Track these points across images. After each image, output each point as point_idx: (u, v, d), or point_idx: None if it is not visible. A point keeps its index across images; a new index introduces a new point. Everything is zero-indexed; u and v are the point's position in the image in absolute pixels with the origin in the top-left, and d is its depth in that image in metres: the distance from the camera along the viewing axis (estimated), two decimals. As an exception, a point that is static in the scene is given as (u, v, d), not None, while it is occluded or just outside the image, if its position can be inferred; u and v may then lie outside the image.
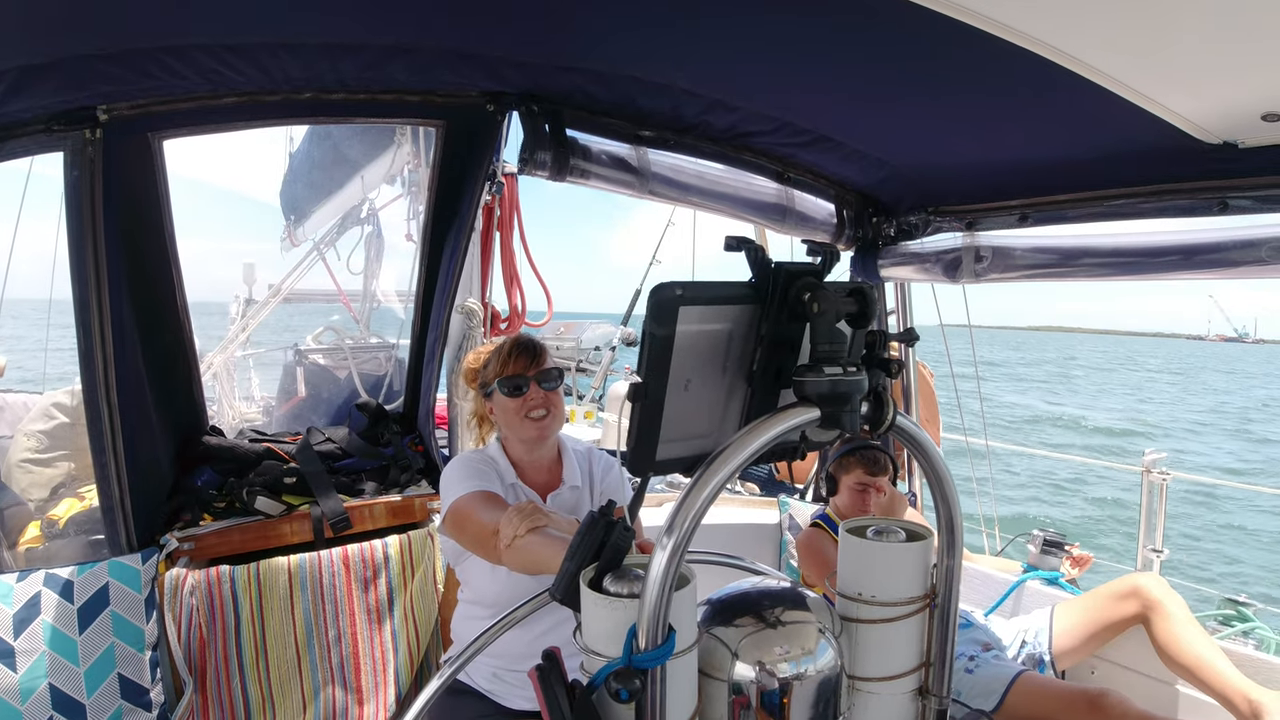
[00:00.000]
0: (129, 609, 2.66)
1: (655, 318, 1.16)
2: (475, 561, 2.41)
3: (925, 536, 1.46)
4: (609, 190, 3.09)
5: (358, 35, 2.50)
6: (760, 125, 3.13)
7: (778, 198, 3.56)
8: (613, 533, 1.24)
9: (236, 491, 3.02)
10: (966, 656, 3.15)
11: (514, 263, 3.38)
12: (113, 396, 2.66)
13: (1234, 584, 9.04)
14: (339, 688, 2.97)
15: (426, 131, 3.50)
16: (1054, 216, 3.31)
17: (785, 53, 2.53)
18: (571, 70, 2.74)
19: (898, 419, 1.26)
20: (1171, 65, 2.21)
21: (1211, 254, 2.90)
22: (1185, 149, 2.69)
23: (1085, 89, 2.31)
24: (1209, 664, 2.96)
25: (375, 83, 2.74)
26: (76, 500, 3.95)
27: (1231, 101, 2.41)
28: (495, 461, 2.54)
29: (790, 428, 1.15)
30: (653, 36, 2.50)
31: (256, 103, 2.70)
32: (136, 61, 2.39)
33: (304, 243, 7.31)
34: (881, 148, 3.35)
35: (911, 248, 3.82)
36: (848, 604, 1.44)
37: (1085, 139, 2.85)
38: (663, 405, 1.22)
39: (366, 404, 3.60)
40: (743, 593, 1.44)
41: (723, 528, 4.18)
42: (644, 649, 1.09)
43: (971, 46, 2.15)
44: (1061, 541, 3.93)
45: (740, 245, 1.20)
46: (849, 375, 1.18)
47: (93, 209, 2.54)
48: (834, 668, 1.35)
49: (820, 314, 1.17)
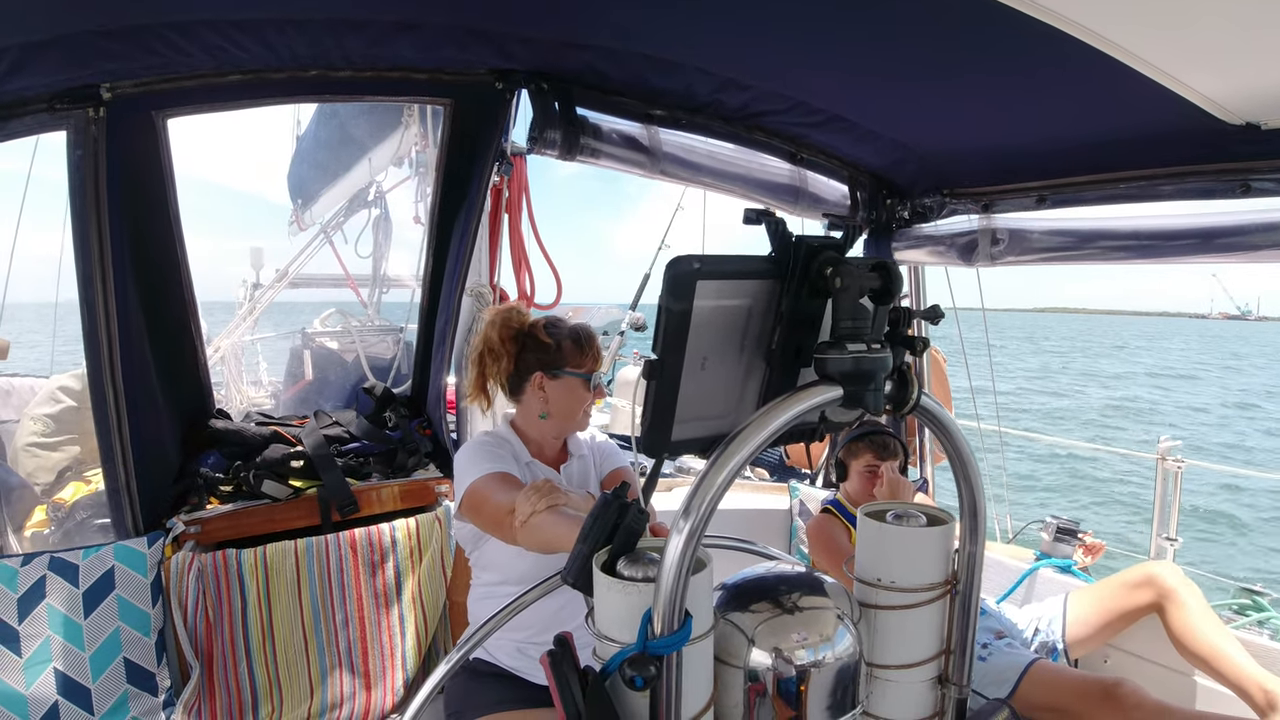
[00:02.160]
0: (135, 593, 2.64)
1: (672, 292, 1.12)
2: (495, 542, 2.39)
3: (946, 521, 1.43)
4: (620, 169, 3.05)
5: (364, 11, 2.46)
6: (773, 105, 3.09)
7: (790, 178, 3.52)
8: (626, 515, 1.21)
9: (243, 475, 3.00)
10: (980, 644, 3.12)
11: (522, 245, 3.34)
12: (118, 379, 2.63)
13: (1252, 575, 8.97)
14: (346, 672, 2.95)
15: (434, 111, 3.46)
16: (1072, 199, 3.26)
17: (798, 30, 2.49)
18: (581, 47, 2.70)
19: (922, 399, 1.22)
20: (1196, 42, 2.16)
21: (1232, 237, 2.85)
22: (1207, 130, 2.64)
23: (1105, 66, 2.27)
24: (1224, 654, 2.92)
25: (382, 60, 2.70)
26: (83, 484, 3.94)
27: (1256, 81, 2.36)
28: (509, 442, 2.51)
29: (811, 407, 1.11)
30: (664, 13, 2.46)
31: (262, 80, 2.65)
32: (140, 38, 2.35)
33: (311, 226, 7.29)
34: (896, 129, 3.30)
35: (926, 230, 3.78)
36: (866, 590, 1.41)
37: (1104, 119, 2.80)
38: (679, 384, 1.18)
39: (373, 387, 3.57)
40: (759, 578, 1.41)
41: (733, 513, 4.15)
42: (659, 634, 1.05)
43: (989, 23, 2.11)
44: (1074, 529, 3.89)
45: (760, 218, 1.16)
46: (873, 353, 1.14)
47: (96, 189, 2.50)
48: (853, 655, 1.31)
49: (843, 289, 1.13)
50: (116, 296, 2.59)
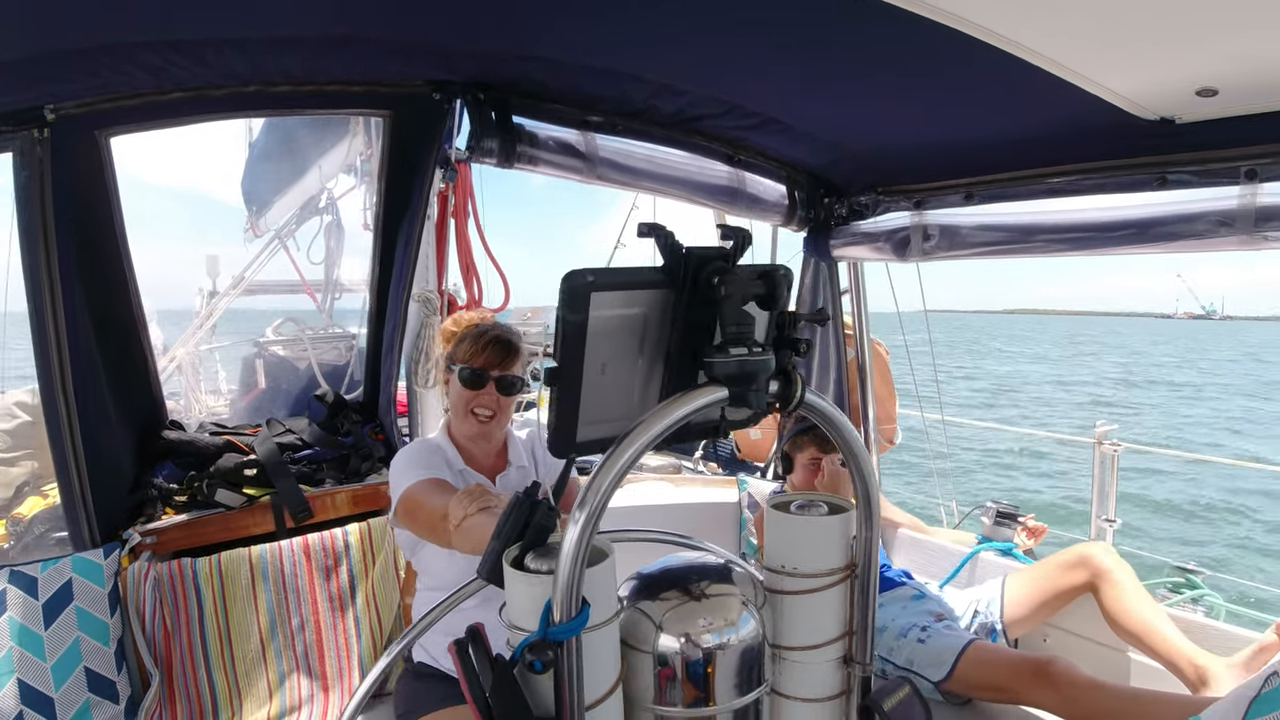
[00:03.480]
0: (93, 603, 2.69)
1: (567, 304, 1.19)
2: (431, 548, 2.44)
3: (847, 510, 1.51)
4: (558, 175, 3.12)
5: (298, 29, 2.52)
6: (708, 109, 3.17)
7: (729, 180, 3.60)
8: (537, 513, 1.29)
9: (197, 485, 3.04)
10: (919, 627, 3.21)
11: (470, 250, 3.40)
12: (70, 394, 2.68)
13: (1187, 553, 9.23)
14: (304, 675, 3.01)
15: (378, 121, 3.53)
16: (998, 195, 3.37)
17: (727, 36, 2.57)
18: (517, 59, 2.77)
19: (807, 396, 1.30)
20: (1107, 45, 2.26)
21: (1154, 228, 2.93)
22: (1124, 126, 2.74)
23: (1022, 70, 2.36)
24: (1156, 630, 3.02)
25: (319, 74, 2.76)
26: (40, 498, 3.97)
27: (1166, 78, 2.46)
28: (442, 449, 2.57)
29: (698, 407, 1.19)
30: (595, 23, 2.53)
31: (203, 97, 2.71)
32: (81, 61, 2.41)
33: (266, 233, 7.31)
34: (830, 129, 3.39)
35: (863, 227, 3.86)
36: (773, 577, 1.49)
37: (1027, 119, 2.90)
38: (580, 388, 1.26)
39: (325, 394, 3.62)
40: (671, 568, 1.49)
41: (684, 507, 4.22)
42: (558, 622, 1.13)
43: (907, 31, 2.19)
44: (1014, 513, 4.00)
45: (651, 232, 1.24)
46: (755, 355, 1.22)
47: (43, 208, 2.55)
48: (757, 638, 1.40)
49: (728, 297, 1.21)
50: (66, 313, 2.64)
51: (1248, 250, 2.82)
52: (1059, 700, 2.76)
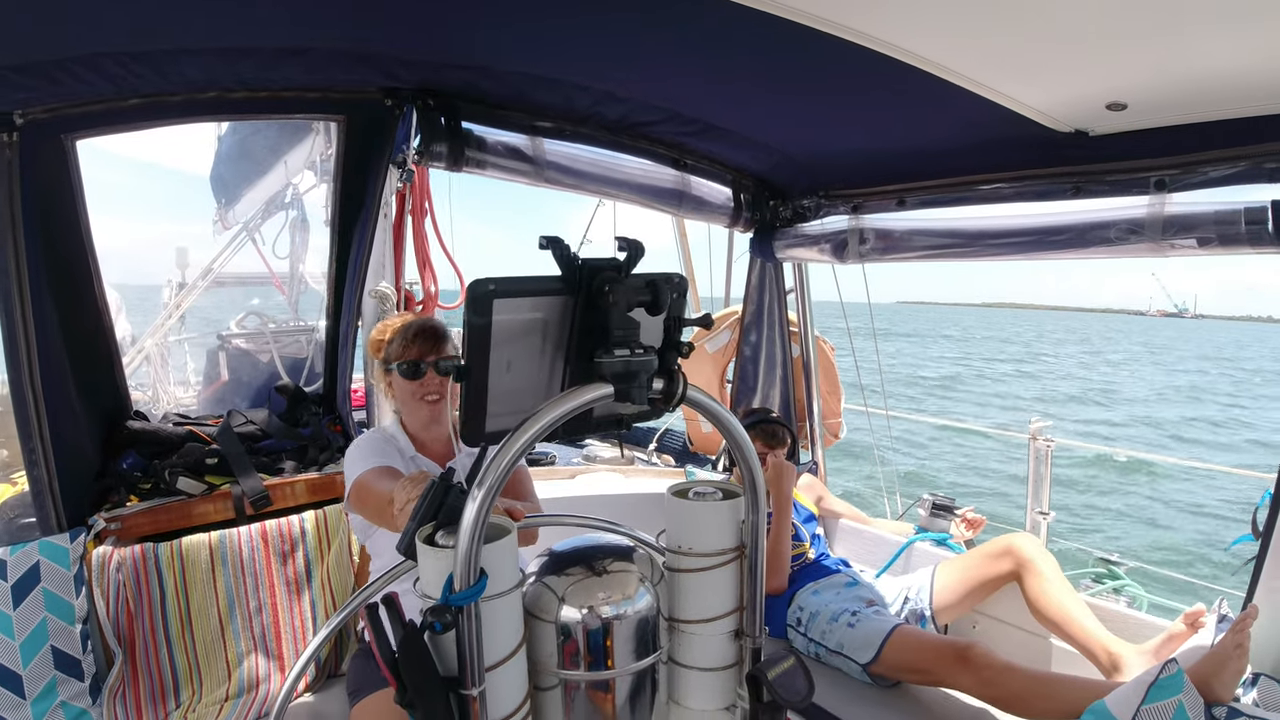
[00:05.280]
0: (59, 585, 2.80)
1: (472, 309, 1.33)
2: (382, 532, 2.59)
3: (738, 495, 1.67)
4: (506, 179, 3.25)
5: (251, 39, 2.64)
6: (650, 115, 3.31)
7: (675, 183, 3.74)
8: (450, 495, 1.43)
9: (160, 473, 3.14)
10: (850, 612, 3.36)
11: (426, 247, 3.53)
12: (37, 387, 2.78)
13: (1115, 546, 9.48)
14: (261, 655, 3.13)
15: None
16: (928, 201, 3.54)
17: (659, 48, 2.71)
18: (460, 68, 2.91)
19: (690, 393, 1.46)
20: (1021, 63, 2.40)
21: (1070, 235, 3.10)
22: (1041, 138, 2.90)
23: (944, 87, 2.51)
24: (1074, 619, 3.16)
25: (274, 81, 2.89)
26: (10, 486, 4.05)
27: (1078, 93, 2.61)
28: (395, 439, 2.71)
29: (586, 402, 1.34)
30: (534, 33, 2.67)
31: (161, 104, 2.83)
32: (47, 71, 2.53)
33: (235, 225, 7.38)
34: (769, 135, 3.53)
35: (805, 229, 4.02)
36: (672, 556, 1.65)
37: (952, 131, 3.05)
38: (486, 385, 1.41)
39: (285, 386, 3.72)
40: (579, 548, 1.65)
41: (631, 496, 4.36)
42: (458, 590, 1.28)
43: (838, 52, 2.34)
44: (950, 505, 4.16)
45: (549, 244, 1.38)
46: (638, 356, 1.37)
47: (11, 209, 2.66)
48: (651, 610, 1.56)
49: (615, 304, 1.36)
50: (34, 309, 2.75)
51: (1156, 257, 2.99)
52: (977, 682, 2.91)
